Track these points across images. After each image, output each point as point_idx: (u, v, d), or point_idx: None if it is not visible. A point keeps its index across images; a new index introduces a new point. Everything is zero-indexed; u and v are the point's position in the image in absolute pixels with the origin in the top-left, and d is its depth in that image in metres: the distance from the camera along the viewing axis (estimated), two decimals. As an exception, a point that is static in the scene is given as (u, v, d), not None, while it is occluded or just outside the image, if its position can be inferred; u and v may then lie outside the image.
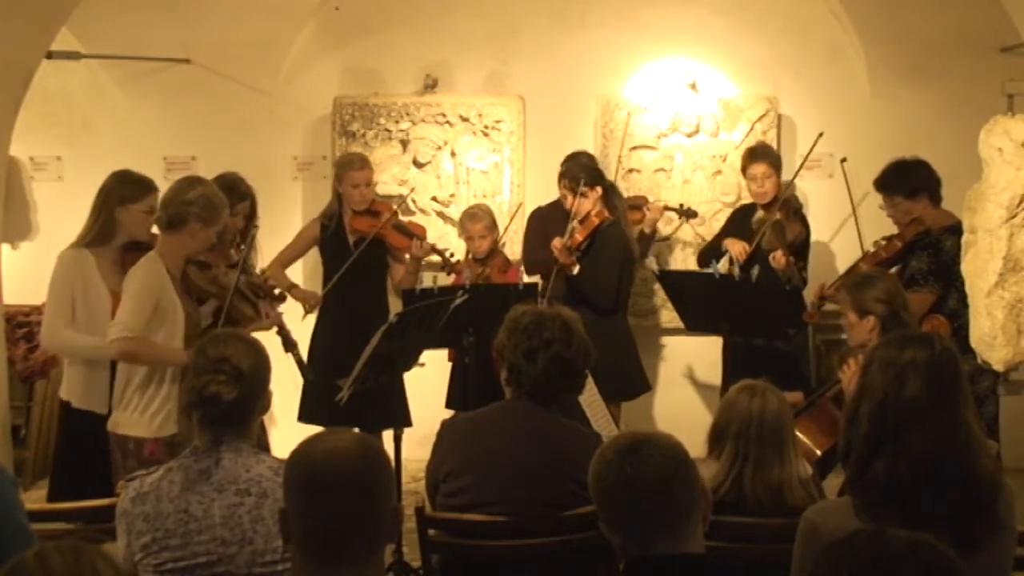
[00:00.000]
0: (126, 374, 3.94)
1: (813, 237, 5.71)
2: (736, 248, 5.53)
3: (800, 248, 5.47)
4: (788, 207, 5.44)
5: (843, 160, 5.72)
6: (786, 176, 5.81)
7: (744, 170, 5.69)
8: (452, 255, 5.47)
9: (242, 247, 4.84)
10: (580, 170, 5.37)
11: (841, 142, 6.06)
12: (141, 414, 3.89)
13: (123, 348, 3.84)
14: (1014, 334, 4.43)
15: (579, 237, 5.31)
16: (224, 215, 4.15)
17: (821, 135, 5.69)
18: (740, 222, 5.71)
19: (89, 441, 4.17)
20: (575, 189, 5.31)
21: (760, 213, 5.53)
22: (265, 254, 5.21)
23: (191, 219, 3.98)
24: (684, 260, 6.41)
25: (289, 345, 4.64)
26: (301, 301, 5.47)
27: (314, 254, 5.80)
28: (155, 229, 4.17)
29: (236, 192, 4.84)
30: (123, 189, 4.24)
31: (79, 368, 4.22)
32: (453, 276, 5.45)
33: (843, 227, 5.95)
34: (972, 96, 5.76)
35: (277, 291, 4.75)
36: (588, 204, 5.30)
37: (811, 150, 5.72)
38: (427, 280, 5.98)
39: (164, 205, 4.03)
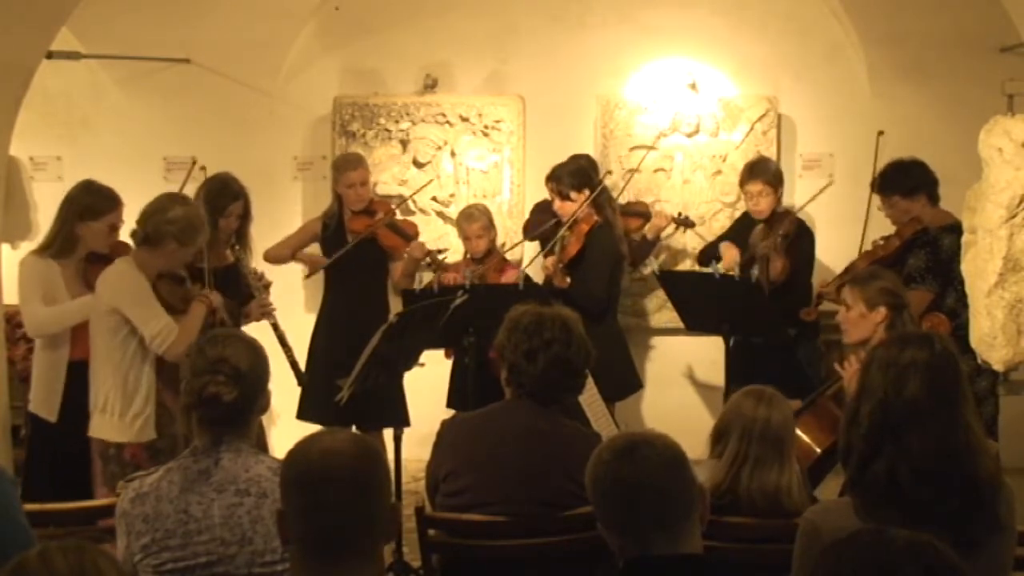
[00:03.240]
0: (100, 377, 3.92)
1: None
2: (729, 254, 5.52)
3: (793, 275, 5.34)
4: (779, 239, 5.30)
5: (880, 133, 5.47)
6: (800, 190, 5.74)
7: (742, 185, 5.67)
8: (440, 254, 5.52)
9: (236, 247, 4.84)
10: (565, 174, 5.36)
11: (841, 142, 6.06)
12: (120, 419, 3.87)
13: (178, 352, 3.82)
14: (1014, 334, 4.42)
15: (572, 250, 5.26)
16: (202, 238, 4.09)
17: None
18: (743, 229, 5.70)
19: (49, 451, 4.19)
20: (562, 192, 5.31)
21: (758, 230, 5.51)
22: (260, 255, 5.21)
23: (168, 238, 3.92)
24: (685, 268, 6.40)
25: (283, 346, 4.66)
26: (306, 263, 5.55)
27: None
28: (131, 241, 4.15)
29: (228, 192, 4.83)
30: (87, 202, 4.23)
31: (38, 374, 4.24)
32: (438, 273, 5.44)
33: (844, 227, 5.93)
34: (972, 96, 5.76)
35: (265, 282, 4.77)
36: (573, 207, 5.28)
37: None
38: (427, 280, 5.98)
39: (143, 220, 3.96)
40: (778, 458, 3.04)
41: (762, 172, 5.57)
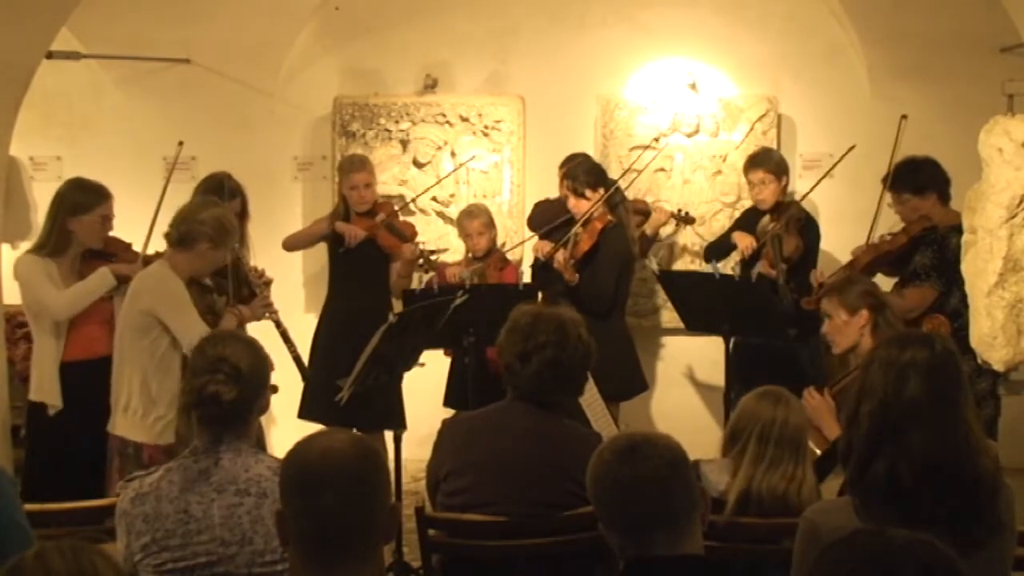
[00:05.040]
0: (124, 376, 3.93)
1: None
2: (745, 242, 5.49)
3: (800, 262, 5.35)
4: (789, 220, 5.38)
5: (903, 117, 5.50)
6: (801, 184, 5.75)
7: (745, 175, 5.68)
8: (434, 254, 5.50)
9: (236, 246, 4.85)
10: (582, 172, 5.34)
11: (841, 142, 6.05)
12: (143, 419, 3.89)
13: None
14: (1014, 334, 4.43)
15: (584, 247, 5.23)
16: (233, 240, 4.18)
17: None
18: (747, 223, 5.69)
19: (58, 443, 4.20)
20: (577, 190, 5.28)
21: (765, 219, 5.51)
22: (260, 254, 5.21)
23: (201, 239, 4.01)
24: (685, 266, 6.40)
25: (287, 343, 4.67)
26: (345, 232, 5.42)
27: (319, 257, 5.80)
28: (164, 245, 4.20)
29: (225, 190, 4.84)
30: (75, 198, 4.26)
31: (37, 360, 4.25)
32: (432, 276, 5.43)
33: (845, 225, 5.93)
34: (972, 96, 5.75)
35: (266, 279, 4.80)
36: (588, 206, 5.26)
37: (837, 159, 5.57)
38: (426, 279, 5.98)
39: (176, 222, 4.05)
40: (793, 458, 3.05)
41: (763, 161, 5.58)
